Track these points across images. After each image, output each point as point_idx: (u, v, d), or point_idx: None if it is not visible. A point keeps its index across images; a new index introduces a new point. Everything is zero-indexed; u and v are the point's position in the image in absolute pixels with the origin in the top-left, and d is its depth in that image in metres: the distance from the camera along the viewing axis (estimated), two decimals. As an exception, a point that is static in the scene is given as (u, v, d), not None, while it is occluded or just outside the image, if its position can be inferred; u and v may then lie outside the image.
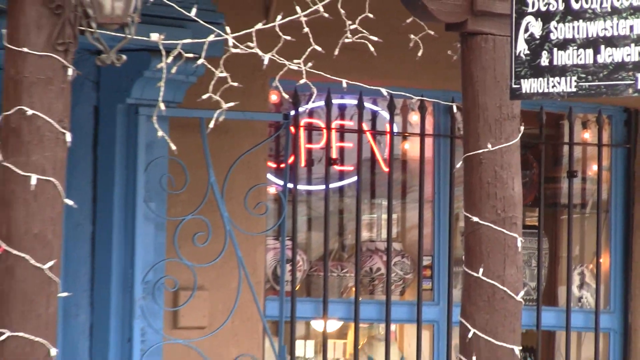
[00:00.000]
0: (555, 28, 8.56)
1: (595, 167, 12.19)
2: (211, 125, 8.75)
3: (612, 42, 8.37)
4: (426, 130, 11.78)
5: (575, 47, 8.50)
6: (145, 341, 10.68)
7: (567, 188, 12.21)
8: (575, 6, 8.50)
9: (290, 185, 11.27)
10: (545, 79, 8.55)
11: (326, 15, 8.53)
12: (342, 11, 8.67)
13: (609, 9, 8.40)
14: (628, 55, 8.28)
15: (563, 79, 8.51)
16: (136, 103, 10.52)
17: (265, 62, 8.49)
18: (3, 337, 7.82)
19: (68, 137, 7.98)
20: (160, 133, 8.76)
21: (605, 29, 8.46)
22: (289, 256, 11.29)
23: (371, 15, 8.80)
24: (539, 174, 11.79)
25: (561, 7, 8.54)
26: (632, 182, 12.31)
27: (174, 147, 9.10)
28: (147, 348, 10.66)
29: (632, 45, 8.29)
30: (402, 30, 9.16)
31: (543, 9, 8.64)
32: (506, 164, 8.97)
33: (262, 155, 11.16)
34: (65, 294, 8.08)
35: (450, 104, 10.41)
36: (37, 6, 8.01)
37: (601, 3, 8.36)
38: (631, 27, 8.33)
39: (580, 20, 8.52)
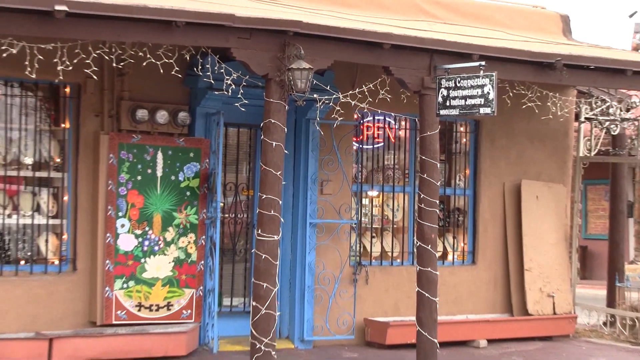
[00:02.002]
0: (451, 92, 8.65)
1: (464, 140, 11.61)
2: (334, 125, 9.65)
3: (472, 97, 8.51)
4: (408, 127, 11.10)
5: (459, 99, 8.59)
6: (312, 199, 10.29)
7: (455, 146, 11.61)
8: (459, 85, 8.55)
9: (362, 146, 10.87)
10: (448, 110, 8.69)
11: (373, 88, 8.96)
12: (379, 87, 9.02)
13: (471, 86, 8.50)
14: (477, 101, 8.47)
15: (454, 110, 8.68)
16: (309, 118, 10.11)
17: (353, 104, 8.99)
18: (263, 197, 8.06)
19: (284, 129, 8.21)
20: (317, 128, 9.68)
21: (470, 92, 8.53)
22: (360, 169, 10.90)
23: (388, 88, 9.09)
24: (445, 142, 11.28)
25: (453, 85, 8.63)
26: (477, 146, 11.50)
27: (322, 133, 10.00)
28: (312, 202, 10.27)
29: (478, 98, 8.46)
30: (399, 91, 9.42)
31: (447, 86, 8.62)
32: (433, 138, 8.88)
33: (350, 135, 10.56)
34: (283, 182, 8.32)
35: (415, 118, 9.86)
36: (275, 85, 8.14)
37: (467, 84, 8.47)
38: (478, 92, 8.40)
39: (459, 90, 8.59)
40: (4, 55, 7.24)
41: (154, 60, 7.93)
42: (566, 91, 11.53)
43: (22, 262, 9.04)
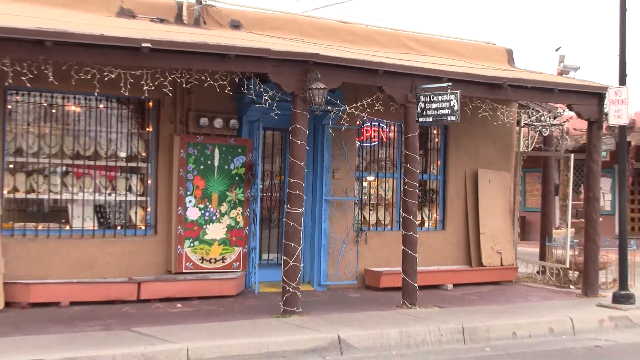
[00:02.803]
0: (427, 105, 8.50)
1: (437, 140, 11.24)
2: (342, 129, 9.35)
3: (442, 108, 8.32)
4: (396, 130, 10.77)
5: (432, 110, 8.47)
6: (326, 182, 10.08)
7: (430, 144, 11.27)
8: (432, 99, 8.44)
9: (362, 144, 10.58)
10: (424, 118, 8.59)
11: (370, 101, 8.79)
12: (375, 101, 8.85)
13: (441, 100, 8.30)
14: (444, 111, 8.34)
15: (429, 118, 8.55)
16: (324, 124, 9.90)
17: (356, 114, 8.82)
18: (291, 181, 7.88)
19: (307, 132, 8.00)
20: (330, 131, 9.38)
21: (440, 105, 8.38)
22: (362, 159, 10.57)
23: (381, 102, 8.96)
24: (423, 141, 10.88)
25: (428, 99, 8.44)
26: (446, 144, 11.18)
27: (333, 135, 9.53)
28: (326, 184, 10.04)
29: (446, 109, 8.34)
30: (389, 104, 9.16)
31: (424, 100, 8.51)
32: (414, 139, 8.73)
33: (354, 136, 10.28)
34: (306, 170, 8.24)
35: (401, 124, 9.80)
36: (299, 100, 7.99)
37: (438, 99, 8.31)
38: (446, 105, 8.26)
39: (433, 103, 8.42)
40: (106, 79, 7.34)
41: (212, 82, 7.97)
42: (510, 104, 11.35)
43: (118, 228, 9.07)
